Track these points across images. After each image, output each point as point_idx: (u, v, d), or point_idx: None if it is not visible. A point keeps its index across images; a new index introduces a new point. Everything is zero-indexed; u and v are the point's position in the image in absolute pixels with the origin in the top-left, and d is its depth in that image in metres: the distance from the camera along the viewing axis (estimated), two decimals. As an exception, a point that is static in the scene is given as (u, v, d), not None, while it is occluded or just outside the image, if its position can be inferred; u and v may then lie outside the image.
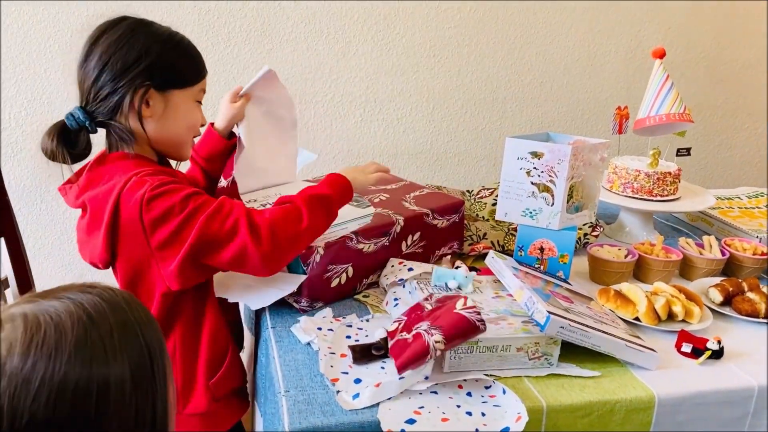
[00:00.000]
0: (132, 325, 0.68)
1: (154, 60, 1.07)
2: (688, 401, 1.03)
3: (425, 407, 0.93)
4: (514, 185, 1.29)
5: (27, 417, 0.61)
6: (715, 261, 1.41)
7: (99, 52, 1.06)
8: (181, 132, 1.14)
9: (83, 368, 0.63)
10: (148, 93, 1.07)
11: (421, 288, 1.17)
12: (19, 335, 0.63)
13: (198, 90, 1.15)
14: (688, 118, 1.55)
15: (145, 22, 1.11)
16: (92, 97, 1.07)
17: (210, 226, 1.02)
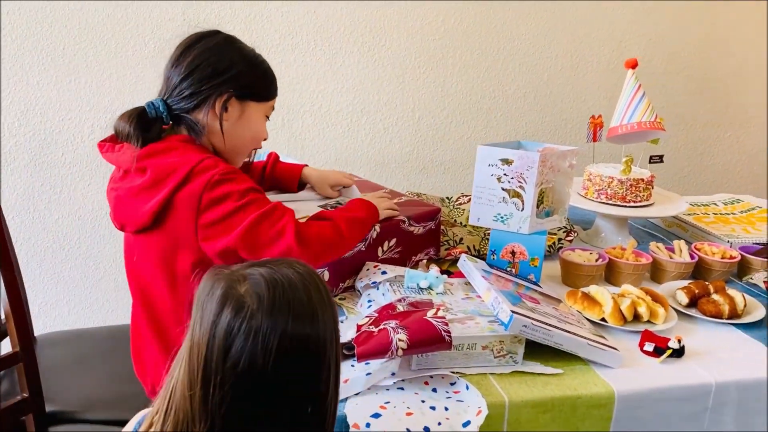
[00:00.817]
0: (327, 291, 0.78)
1: (240, 72, 1.21)
2: (648, 397, 1.06)
3: (391, 402, 0.97)
4: (485, 191, 1.34)
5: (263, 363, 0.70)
6: (684, 264, 1.45)
7: (192, 56, 1.20)
8: (246, 139, 1.28)
9: (310, 325, 0.73)
10: (230, 100, 1.20)
11: (393, 290, 1.22)
12: (264, 289, 0.72)
13: (269, 106, 1.29)
14: (660, 126, 1.60)
15: (235, 39, 1.26)
16: (175, 93, 1.20)
17: (261, 223, 1.13)
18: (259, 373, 0.70)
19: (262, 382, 0.71)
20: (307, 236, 1.15)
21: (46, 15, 2.02)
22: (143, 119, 1.19)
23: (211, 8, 2.11)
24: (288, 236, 1.13)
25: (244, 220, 1.13)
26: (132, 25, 2.07)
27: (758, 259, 1.48)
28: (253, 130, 1.27)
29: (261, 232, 1.13)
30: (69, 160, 2.14)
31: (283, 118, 2.26)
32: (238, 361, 0.70)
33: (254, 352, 0.70)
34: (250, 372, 0.70)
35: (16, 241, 2.10)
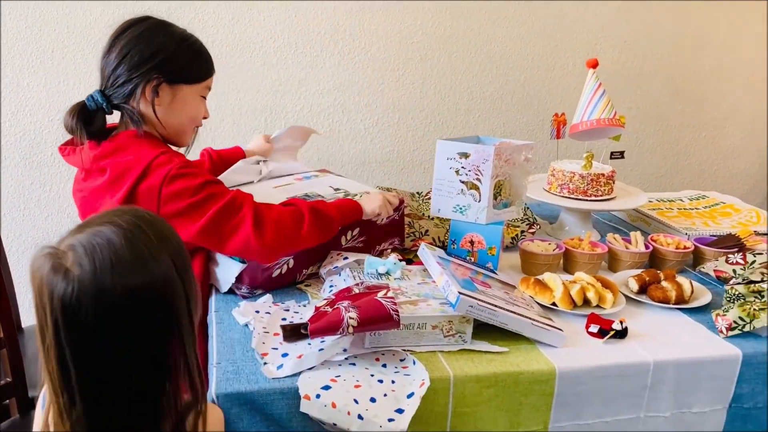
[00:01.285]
0: (164, 231, 0.82)
1: (167, 57, 1.25)
2: (589, 374, 1.13)
3: (341, 376, 1.04)
4: (445, 183, 1.41)
5: (107, 321, 0.75)
6: (639, 254, 1.51)
7: (120, 45, 1.24)
8: (184, 121, 1.32)
9: (140, 274, 0.76)
10: (160, 85, 1.25)
11: (353, 276, 1.28)
12: (84, 256, 0.76)
13: (204, 87, 1.33)
14: (618, 123, 1.67)
15: (165, 23, 1.29)
16: (110, 83, 1.25)
17: (220, 218, 1.19)
18: (106, 334, 0.75)
19: (113, 343, 0.76)
20: (264, 224, 1.21)
21: (35, 19, 2.10)
22: (85, 112, 1.24)
23: (195, 12, 2.19)
24: (246, 226, 1.20)
25: (203, 216, 1.18)
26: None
27: (710, 250, 1.54)
28: (189, 112, 1.31)
29: (220, 226, 1.19)
30: (58, 160, 2.21)
31: (266, 119, 2.34)
32: (84, 329, 0.74)
33: (97, 317, 0.74)
34: (97, 335, 0.75)
35: (7, 237, 2.18)
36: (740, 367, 1.18)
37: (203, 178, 1.22)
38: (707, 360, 1.18)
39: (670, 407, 1.17)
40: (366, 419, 0.96)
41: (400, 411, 0.99)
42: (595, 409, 1.14)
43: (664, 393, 1.16)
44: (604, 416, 1.15)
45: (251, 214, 1.20)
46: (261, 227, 1.20)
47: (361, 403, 0.98)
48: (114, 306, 0.75)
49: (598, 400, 1.14)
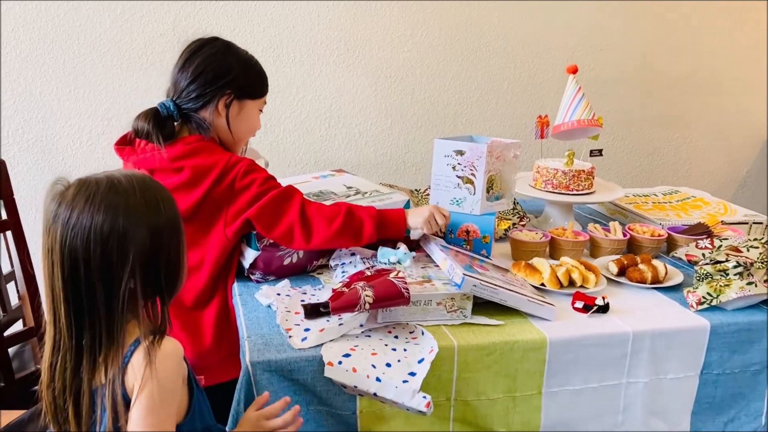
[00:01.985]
0: (165, 192, 0.96)
1: (237, 75, 1.42)
2: (576, 343, 1.27)
3: (359, 345, 1.17)
4: (442, 178, 1.55)
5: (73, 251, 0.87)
6: (617, 241, 1.66)
7: (196, 62, 1.40)
8: (245, 132, 1.50)
9: (107, 217, 0.87)
10: (230, 98, 1.42)
11: (364, 262, 1.42)
12: (71, 190, 0.89)
13: (262, 102, 1.51)
14: (597, 124, 1.82)
15: (232, 45, 1.47)
16: (183, 95, 1.41)
17: (275, 201, 1.35)
18: (78, 256, 0.87)
19: (85, 266, 0.87)
20: (308, 216, 1.37)
21: (47, 32, 2.21)
22: (158, 118, 1.40)
23: (198, 24, 2.31)
24: (293, 212, 1.36)
25: (263, 199, 1.35)
26: (126, 40, 2.27)
27: (682, 237, 1.70)
28: (250, 124, 1.49)
29: (274, 209, 1.36)
30: (69, 164, 2.32)
31: (265, 123, 2.45)
32: (63, 246, 0.87)
33: (74, 239, 0.87)
34: (72, 254, 0.87)
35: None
36: (708, 337, 1.34)
37: (266, 174, 1.40)
38: (679, 330, 1.33)
39: (648, 373, 1.32)
40: (383, 381, 1.10)
41: (413, 374, 1.12)
42: (583, 375, 1.28)
43: (642, 361, 1.31)
44: (590, 382, 1.29)
45: (298, 205, 1.37)
46: (305, 218, 1.37)
47: (378, 367, 1.12)
48: (75, 235, 0.87)
49: (585, 367, 1.28)
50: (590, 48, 2.72)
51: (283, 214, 1.36)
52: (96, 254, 0.87)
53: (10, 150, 2.26)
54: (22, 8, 2.17)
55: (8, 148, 2.26)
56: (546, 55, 2.67)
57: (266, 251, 1.42)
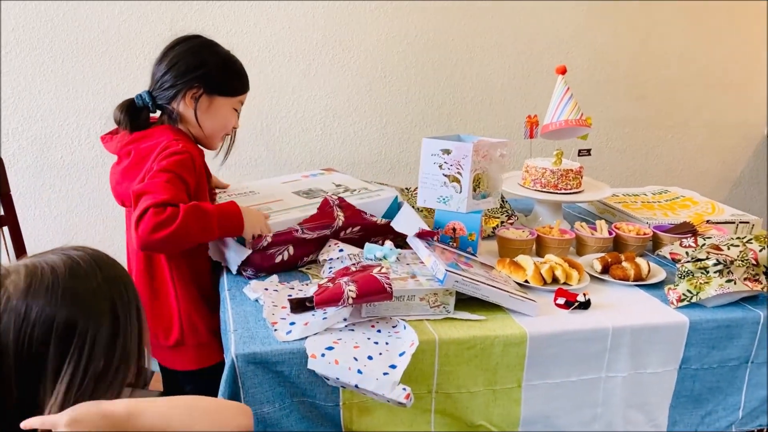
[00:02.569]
0: (114, 279, 0.88)
1: (209, 71, 1.46)
2: (556, 338, 1.30)
3: (342, 339, 1.20)
4: (429, 177, 1.58)
5: (28, 347, 0.80)
6: (603, 239, 1.69)
7: (171, 55, 1.46)
8: (216, 127, 1.52)
9: (71, 309, 0.81)
10: (198, 92, 1.45)
11: (350, 258, 1.45)
12: (22, 278, 0.82)
13: (237, 101, 1.53)
14: (585, 124, 1.85)
15: (212, 42, 1.52)
16: (157, 86, 1.47)
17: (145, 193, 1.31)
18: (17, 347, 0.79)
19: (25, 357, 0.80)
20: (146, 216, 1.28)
21: (46, 31, 2.25)
22: (132, 108, 1.47)
23: (195, 25, 2.35)
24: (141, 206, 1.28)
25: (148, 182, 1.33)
26: (124, 40, 2.31)
27: (667, 236, 1.73)
28: (219, 120, 1.52)
29: (143, 194, 1.30)
30: (67, 162, 2.36)
31: (262, 123, 2.50)
32: (18, 340, 0.80)
33: (17, 336, 0.80)
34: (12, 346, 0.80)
35: (20, 235, 2.31)
36: (687, 333, 1.36)
37: (184, 175, 1.36)
38: (659, 326, 1.35)
39: (627, 368, 1.35)
40: (364, 373, 1.13)
41: (393, 366, 1.15)
42: (563, 369, 1.31)
43: (622, 355, 1.34)
44: (570, 375, 1.32)
45: (150, 203, 1.28)
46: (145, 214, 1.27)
47: (360, 360, 1.15)
48: (33, 329, 0.79)
49: (564, 361, 1.31)
50: (584, 48, 2.74)
51: (141, 212, 1.28)
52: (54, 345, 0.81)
53: (9, 147, 2.30)
54: (21, 8, 2.21)
55: (8, 145, 2.30)
56: (540, 55, 2.70)
57: (259, 251, 1.45)
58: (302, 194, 1.68)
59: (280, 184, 1.78)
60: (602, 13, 2.72)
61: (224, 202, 1.43)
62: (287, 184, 1.76)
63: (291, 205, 1.59)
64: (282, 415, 1.18)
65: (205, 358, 1.51)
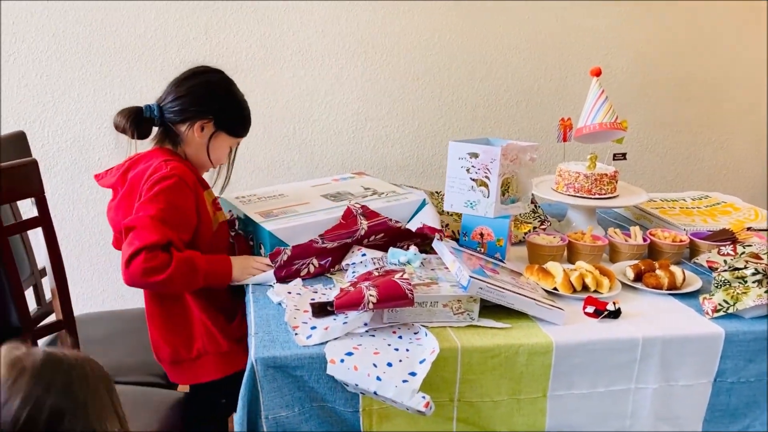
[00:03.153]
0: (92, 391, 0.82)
1: (225, 108, 1.53)
2: (583, 348, 1.26)
3: (362, 344, 1.19)
4: (457, 181, 1.55)
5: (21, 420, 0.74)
6: (636, 246, 1.64)
7: (193, 82, 1.51)
8: (206, 160, 1.55)
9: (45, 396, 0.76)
10: (208, 125, 1.51)
11: (374, 263, 1.43)
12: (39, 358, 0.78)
13: (235, 141, 1.59)
14: (620, 127, 1.80)
15: (231, 82, 1.57)
16: (170, 105, 1.50)
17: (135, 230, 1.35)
18: None
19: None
20: (134, 262, 1.33)
21: (86, 35, 2.30)
22: (139, 117, 1.48)
23: (230, 29, 2.37)
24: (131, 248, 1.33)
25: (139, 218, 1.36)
26: (160, 44, 2.34)
27: (704, 243, 1.67)
28: (217, 154, 1.56)
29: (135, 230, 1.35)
30: (105, 164, 2.39)
31: (294, 126, 2.51)
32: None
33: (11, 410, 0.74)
34: None
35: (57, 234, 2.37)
36: (723, 345, 1.31)
37: (169, 203, 1.39)
38: (692, 337, 1.31)
39: (658, 380, 1.30)
40: (384, 380, 1.11)
41: (413, 374, 1.13)
42: (590, 379, 1.28)
43: (652, 366, 1.29)
44: (597, 386, 1.28)
45: (142, 244, 1.32)
46: (133, 260, 1.33)
47: (380, 366, 1.13)
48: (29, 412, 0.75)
49: (591, 372, 1.28)
50: (623, 48, 2.67)
51: (128, 246, 1.34)
52: None
53: (50, 149, 2.36)
54: (61, 13, 2.26)
55: (48, 147, 2.36)
56: (577, 56, 2.64)
57: (281, 267, 1.45)
58: (330, 197, 1.67)
59: (309, 187, 1.78)
60: (643, 10, 2.64)
61: (218, 258, 1.45)
62: (317, 188, 1.76)
63: (317, 207, 1.59)
64: (301, 420, 1.17)
65: (229, 366, 1.50)
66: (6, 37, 2.25)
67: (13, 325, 1.52)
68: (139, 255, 1.32)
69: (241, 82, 2.40)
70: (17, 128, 2.03)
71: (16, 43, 2.27)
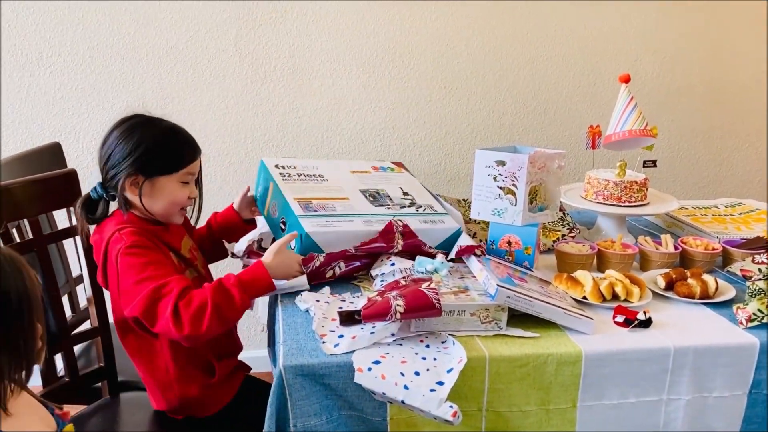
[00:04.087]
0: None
1: (142, 154, 1.39)
2: (613, 357, 1.25)
3: (390, 353, 1.19)
4: (484, 189, 1.55)
5: None
6: (668, 255, 1.62)
7: (109, 142, 1.42)
8: (165, 207, 1.44)
9: None
10: (137, 178, 1.40)
11: (401, 271, 1.44)
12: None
13: (183, 174, 1.44)
14: (650, 134, 1.78)
15: (149, 120, 1.44)
16: (104, 176, 1.45)
17: (152, 299, 1.30)
18: None
19: None
20: (183, 315, 1.29)
21: (118, 48, 2.35)
22: (89, 202, 1.47)
23: (259, 40, 2.40)
24: (166, 317, 1.28)
25: (140, 294, 1.30)
26: (191, 57, 2.39)
27: (738, 251, 1.64)
28: (167, 199, 1.43)
29: (153, 306, 1.30)
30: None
31: (323, 135, 2.53)
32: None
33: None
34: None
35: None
36: (758, 355, 1.28)
37: (148, 258, 1.35)
38: (725, 347, 1.28)
39: (691, 391, 1.28)
40: (411, 389, 1.11)
41: (441, 383, 1.13)
42: (620, 390, 1.26)
43: (684, 377, 1.27)
44: (628, 397, 1.27)
45: (172, 308, 1.28)
46: (179, 320, 1.28)
47: (407, 375, 1.14)
48: None
49: (622, 382, 1.26)
50: (653, 54, 2.65)
51: (157, 319, 1.30)
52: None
53: (83, 162, 2.41)
54: (96, 26, 2.31)
55: (83, 158, 2.41)
56: (605, 63, 2.62)
57: (311, 271, 1.46)
58: (369, 196, 1.66)
59: (349, 172, 1.76)
60: (673, 15, 2.62)
61: (251, 266, 1.40)
62: (356, 176, 1.74)
63: (356, 209, 1.58)
64: (330, 428, 1.18)
65: (209, 408, 1.50)
66: (43, 50, 2.31)
67: (50, 331, 1.56)
68: (178, 310, 1.28)
69: (270, 92, 2.46)
70: (53, 140, 2.08)
71: (53, 57, 2.33)
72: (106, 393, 1.68)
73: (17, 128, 2.37)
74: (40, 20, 2.29)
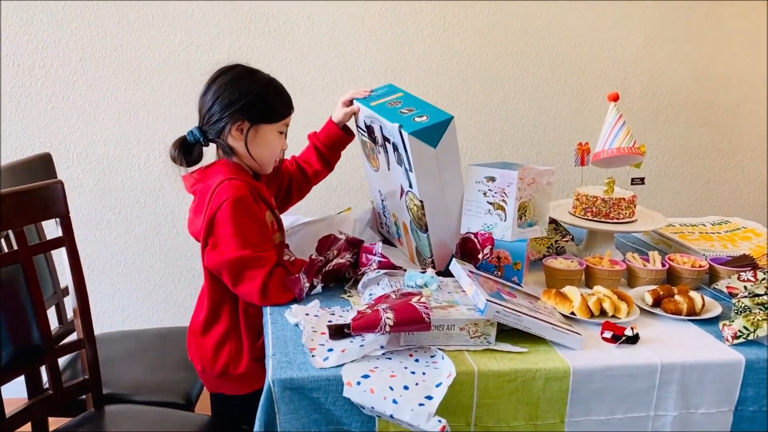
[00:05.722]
0: None
1: (251, 100, 1.48)
2: (600, 373, 1.25)
3: (379, 367, 1.19)
4: (474, 204, 1.56)
5: None
6: (655, 271, 1.63)
7: (214, 89, 1.50)
8: (264, 155, 1.55)
9: None
10: (243, 124, 1.48)
11: (391, 285, 1.44)
12: None
13: (282, 124, 1.55)
14: (638, 152, 1.80)
15: (252, 70, 1.54)
16: (206, 121, 1.51)
17: (244, 264, 1.41)
18: None
19: None
20: (272, 290, 1.42)
21: (111, 60, 2.35)
22: (185, 145, 1.51)
23: (252, 53, 2.41)
24: (256, 283, 1.41)
25: (234, 253, 1.40)
26: (183, 68, 2.39)
27: (724, 268, 1.65)
28: (268, 148, 1.54)
29: (242, 270, 1.41)
30: (127, 186, 2.44)
31: (313, 149, 2.53)
32: None
33: None
34: None
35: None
36: (743, 372, 1.29)
37: (251, 217, 1.43)
38: (712, 363, 1.29)
39: (678, 407, 1.28)
40: (399, 403, 1.11)
41: (429, 398, 1.13)
42: (608, 406, 1.26)
43: (671, 393, 1.28)
44: (616, 413, 1.27)
45: (262, 279, 1.41)
46: (266, 292, 1.42)
47: (396, 389, 1.14)
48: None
49: (610, 398, 1.26)
50: (642, 74, 2.68)
51: (247, 280, 1.42)
52: None
53: (74, 171, 2.41)
54: (89, 38, 2.32)
55: (73, 169, 2.41)
56: (595, 82, 2.65)
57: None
58: None
59: None
60: (662, 36, 2.66)
61: None
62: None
63: None
64: (318, 442, 1.17)
65: (250, 384, 1.54)
66: (34, 61, 2.31)
67: (34, 344, 1.55)
68: (266, 286, 1.41)
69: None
70: (43, 150, 2.08)
71: (44, 68, 2.33)
72: (91, 406, 1.67)
73: (8, 138, 2.36)
74: (31, 31, 2.29)
